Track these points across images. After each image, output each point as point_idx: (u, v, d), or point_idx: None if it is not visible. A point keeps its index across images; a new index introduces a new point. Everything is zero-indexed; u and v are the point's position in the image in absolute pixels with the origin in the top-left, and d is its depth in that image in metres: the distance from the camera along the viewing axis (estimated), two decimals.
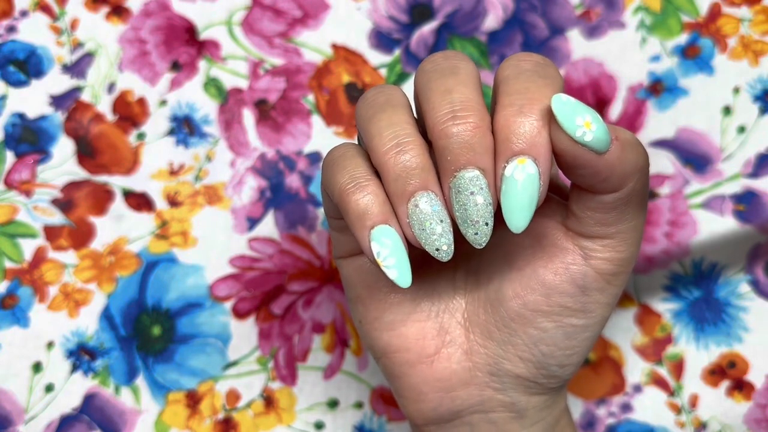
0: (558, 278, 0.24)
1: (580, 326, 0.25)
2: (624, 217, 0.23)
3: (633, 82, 0.36)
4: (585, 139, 0.21)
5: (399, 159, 0.22)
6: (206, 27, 0.37)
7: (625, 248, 0.24)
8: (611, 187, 0.22)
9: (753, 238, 0.35)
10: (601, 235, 0.24)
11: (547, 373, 0.26)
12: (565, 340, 0.25)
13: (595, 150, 0.21)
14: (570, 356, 0.25)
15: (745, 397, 0.35)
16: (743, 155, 0.36)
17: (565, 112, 0.21)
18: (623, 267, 0.24)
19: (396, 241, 0.22)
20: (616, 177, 0.22)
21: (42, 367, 0.35)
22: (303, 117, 0.37)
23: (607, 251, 0.24)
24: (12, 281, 0.35)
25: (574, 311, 0.25)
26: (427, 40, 0.37)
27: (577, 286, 0.24)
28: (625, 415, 0.35)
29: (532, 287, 0.25)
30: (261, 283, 0.36)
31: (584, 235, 0.24)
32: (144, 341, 0.35)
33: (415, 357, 0.26)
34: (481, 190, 0.22)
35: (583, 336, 0.25)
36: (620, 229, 0.24)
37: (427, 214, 0.22)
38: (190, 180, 0.36)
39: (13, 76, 0.37)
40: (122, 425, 0.35)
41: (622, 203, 0.23)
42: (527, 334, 0.25)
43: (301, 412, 0.35)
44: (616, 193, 0.23)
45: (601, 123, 0.21)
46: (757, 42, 0.37)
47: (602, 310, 0.25)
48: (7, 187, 0.36)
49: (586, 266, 0.24)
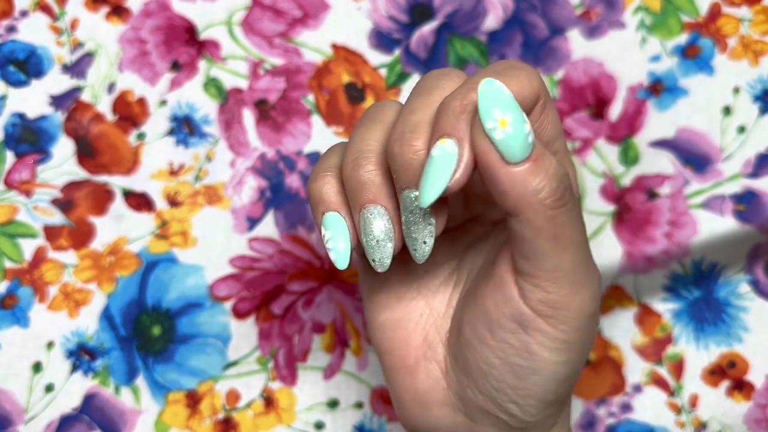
0: (498, 311, 0.23)
1: (526, 368, 0.23)
2: (541, 252, 0.22)
3: (633, 82, 0.36)
4: (494, 135, 0.20)
5: (355, 171, 0.23)
6: (206, 27, 0.37)
7: (555, 290, 0.22)
8: (508, 206, 0.21)
9: (753, 238, 0.35)
10: (527, 272, 0.22)
11: (506, 410, 0.24)
12: (515, 380, 0.24)
13: (502, 154, 0.20)
14: (524, 398, 0.24)
15: (745, 397, 0.35)
16: (743, 155, 0.36)
17: (488, 98, 0.20)
18: (560, 311, 0.23)
19: (341, 228, 0.24)
20: (513, 197, 0.21)
21: (42, 367, 0.35)
22: (303, 117, 0.37)
23: (538, 291, 0.22)
24: (12, 281, 0.35)
25: (518, 350, 0.23)
26: (427, 40, 0.37)
27: (515, 322, 0.23)
28: (625, 415, 0.35)
29: (478, 316, 0.24)
30: (261, 283, 0.36)
31: (517, 271, 0.23)
32: (144, 341, 0.35)
33: (399, 364, 0.26)
34: (422, 209, 0.22)
35: (532, 379, 0.24)
36: (542, 266, 0.22)
37: (370, 226, 0.23)
38: (190, 180, 0.36)
39: (13, 76, 0.37)
40: (122, 425, 0.35)
41: (531, 235, 0.22)
42: (477, 366, 0.24)
43: (301, 412, 0.35)
44: (517, 219, 0.21)
45: (523, 133, 0.20)
46: (757, 42, 0.37)
47: (549, 355, 0.23)
48: (7, 187, 0.36)
49: (522, 303, 0.23)
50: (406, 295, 0.27)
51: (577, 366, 0.24)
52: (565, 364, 0.23)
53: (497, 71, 0.22)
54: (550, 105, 0.24)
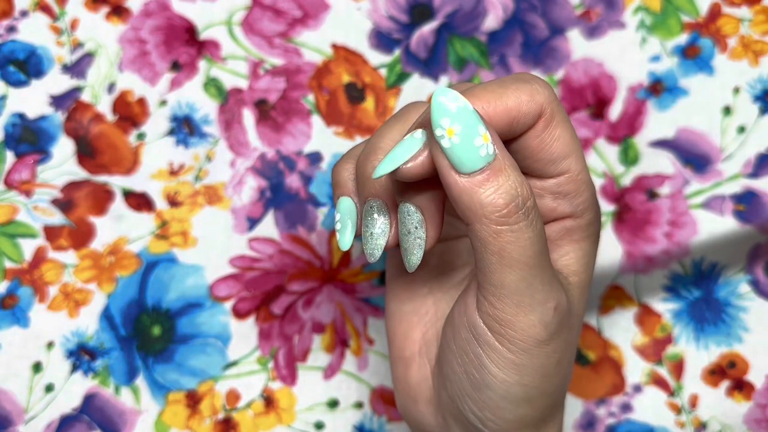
0: (459, 318, 0.24)
1: (479, 380, 0.24)
2: (485, 264, 0.22)
3: (633, 82, 0.36)
4: (441, 143, 0.21)
5: (362, 166, 0.24)
6: (206, 27, 0.37)
7: (500, 307, 0.22)
8: (459, 213, 0.22)
9: (753, 238, 0.35)
10: (480, 283, 0.23)
11: (469, 420, 0.25)
12: (472, 390, 0.24)
13: (451, 163, 0.21)
14: (482, 410, 0.24)
15: (745, 397, 0.35)
16: (743, 155, 0.36)
17: (439, 107, 0.21)
18: (506, 329, 0.23)
19: (350, 214, 0.25)
20: (461, 206, 0.21)
21: (42, 367, 0.35)
22: (303, 117, 0.37)
23: (486, 304, 0.23)
24: (12, 281, 0.35)
25: (472, 360, 0.24)
26: (427, 40, 0.37)
27: (470, 332, 0.23)
28: (625, 415, 0.35)
29: (449, 321, 0.25)
30: (261, 283, 0.36)
31: (477, 282, 0.23)
32: (144, 341, 0.35)
33: (397, 353, 0.28)
34: (413, 222, 0.23)
35: (486, 393, 0.24)
36: (489, 281, 0.22)
37: (368, 219, 0.24)
38: (190, 180, 0.36)
39: (13, 76, 0.37)
40: (122, 425, 0.35)
41: (479, 246, 0.22)
42: (445, 369, 0.25)
43: (301, 412, 0.35)
44: (469, 229, 0.22)
45: (471, 145, 0.21)
46: (757, 42, 0.37)
47: (499, 372, 0.23)
48: (7, 187, 0.36)
49: (476, 314, 0.23)
50: (419, 291, 0.28)
51: (534, 392, 0.24)
52: (517, 385, 0.23)
53: (502, 82, 0.23)
54: (561, 123, 0.23)
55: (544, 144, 0.23)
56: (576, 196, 0.24)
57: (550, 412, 0.25)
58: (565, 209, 0.25)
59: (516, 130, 0.23)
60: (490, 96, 0.22)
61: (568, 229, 0.25)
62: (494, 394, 0.23)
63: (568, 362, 0.24)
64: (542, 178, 0.24)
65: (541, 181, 0.24)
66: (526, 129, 0.23)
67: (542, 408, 0.24)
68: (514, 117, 0.22)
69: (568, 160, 0.24)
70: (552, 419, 0.26)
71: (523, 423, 0.24)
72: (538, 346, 0.23)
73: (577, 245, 0.25)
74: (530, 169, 0.24)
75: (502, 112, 0.22)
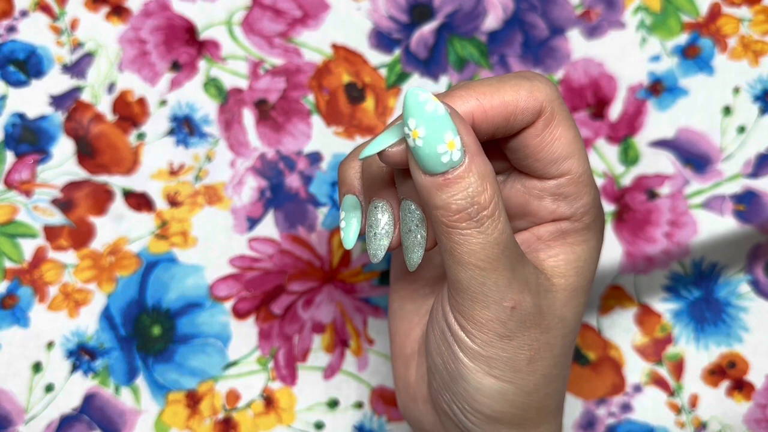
0: (436, 307, 0.25)
1: (454, 371, 0.24)
2: (444, 260, 0.23)
3: (633, 82, 0.36)
4: (408, 141, 0.21)
5: (368, 166, 0.24)
6: (206, 27, 0.37)
7: (460, 301, 0.23)
8: (426, 209, 0.22)
9: (753, 238, 0.35)
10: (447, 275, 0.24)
11: (455, 415, 0.25)
12: (450, 383, 0.24)
13: (417, 162, 0.21)
14: (461, 403, 0.25)
15: (745, 397, 0.35)
16: (743, 155, 0.36)
17: (408, 107, 0.21)
18: (468, 322, 0.23)
19: (355, 212, 0.25)
20: (423, 201, 0.22)
21: (42, 367, 0.35)
22: (303, 117, 0.37)
23: (451, 298, 0.23)
24: (12, 281, 0.35)
25: (447, 350, 0.24)
26: (427, 40, 0.37)
27: (444, 321, 0.24)
28: (625, 415, 0.35)
29: (431, 314, 0.25)
30: (261, 283, 0.36)
31: None
32: (144, 341, 0.35)
33: (398, 351, 0.28)
34: (414, 221, 0.23)
35: (461, 385, 0.24)
36: (447, 274, 0.23)
37: (372, 219, 0.24)
38: (190, 180, 0.36)
39: (13, 76, 0.37)
40: (122, 425, 0.35)
41: (439, 242, 0.23)
42: (430, 364, 0.25)
43: (301, 412, 0.35)
44: None
45: (434, 150, 0.21)
46: (757, 42, 0.37)
47: (470, 362, 0.24)
48: (7, 187, 0.36)
49: (447, 304, 0.24)
50: (420, 291, 0.28)
51: (509, 387, 0.24)
52: (488, 377, 0.24)
53: (502, 77, 0.23)
54: (562, 122, 0.23)
55: (544, 143, 0.23)
56: (576, 198, 0.24)
57: (534, 415, 0.25)
58: (565, 211, 0.25)
59: (514, 126, 0.23)
60: (487, 89, 0.22)
61: (563, 231, 0.25)
62: (468, 385, 0.24)
63: (547, 363, 0.24)
64: (543, 178, 0.24)
65: (542, 182, 0.24)
66: (525, 126, 0.23)
67: (523, 407, 0.24)
68: (511, 112, 0.23)
69: (569, 161, 0.24)
70: (540, 425, 0.25)
71: (503, 421, 0.24)
72: (501, 340, 0.23)
73: (570, 248, 0.25)
74: (531, 169, 0.24)
75: (499, 106, 0.22)
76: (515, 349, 0.23)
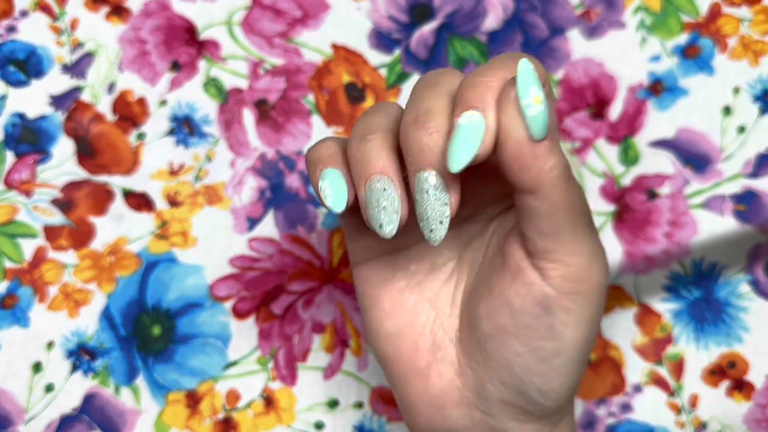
0: (520, 299, 0.24)
1: (551, 350, 0.24)
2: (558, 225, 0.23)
3: (633, 82, 0.36)
4: (527, 111, 0.21)
5: (360, 147, 0.24)
6: (206, 27, 0.37)
7: (574, 262, 0.23)
8: (529, 181, 0.22)
9: (753, 238, 0.35)
10: (545, 249, 0.23)
11: (529, 399, 0.25)
12: (539, 365, 0.24)
13: (529, 130, 0.22)
14: (548, 382, 0.25)
15: (745, 397, 0.35)
16: (743, 155, 0.36)
17: (526, 77, 0.21)
18: (580, 285, 0.24)
19: (337, 178, 0.24)
20: (535, 171, 0.22)
21: (42, 367, 0.35)
22: (303, 117, 0.37)
23: (559, 267, 0.24)
24: (12, 281, 0.35)
25: (543, 333, 0.24)
26: (427, 40, 0.37)
27: (540, 306, 0.24)
28: (625, 415, 0.35)
29: (499, 308, 0.25)
30: (261, 283, 0.36)
31: (533, 252, 0.24)
32: (144, 341, 0.35)
33: (409, 370, 0.27)
34: (436, 189, 0.23)
35: (557, 361, 0.24)
36: (560, 240, 0.23)
37: (376, 192, 0.23)
38: (190, 180, 0.36)
39: (13, 76, 0.37)
40: (122, 425, 0.35)
41: (548, 208, 0.23)
42: (501, 357, 0.25)
43: (301, 412, 0.35)
44: (536, 195, 0.23)
45: (547, 112, 0.22)
46: (757, 42, 0.37)
47: (572, 333, 0.24)
48: (7, 187, 0.36)
49: (545, 286, 0.24)
50: (409, 300, 0.27)
51: (591, 345, 0.25)
52: (585, 341, 0.25)
53: (513, 56, 0.23)
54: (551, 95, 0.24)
55: None
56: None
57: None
58: None
59: None
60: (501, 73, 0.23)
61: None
62: (564, 358, 0.24)
63: None
64: None
65: None
66: None
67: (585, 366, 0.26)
68: None
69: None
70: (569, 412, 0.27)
71: (576, 387, 0.26)
72: (603, 293, 0.24)
73: None
74: None
75: None
76: (605, 300, 0.25)
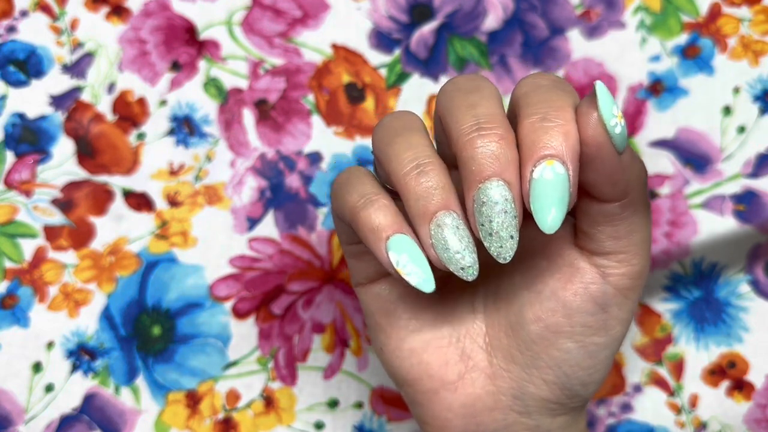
0: (578, 299, 0.24)
1: (601, 344, 0.25)
2: (634, 227, 0.24)
3: (633, 82, 0.36)
4: (615, 131, 0.21)
5: (420, 180, 0.22)
6: (206, 27, 0.37)
7: (638, 261, 0.24)
8: (618, 192, 0.22)
9: (753, 238, 0.35)
10: (615, 250, 0.24)
11: (571, 393, 0.26)
12: (587, 359, 0.25)
13: (617, 146, 0.21)
14: (592, 374, 0.25)
15: (745, 397, 0.35)
16: (743, 155, 0.36)
17: (605, 99, 0.21)
18: (639, 280, 0.25)
19: (414, 248, 0.22)
20: (624, 182, 0.22)
21: (42, 367, 0.35)
22: (303, 117, 0.37)
23: (623, 266, 0.24)
24: (12, 281, 0.35)
25: (596, 329, 0.25)
26: (427, 40, 0.37)
27: (597, 304, 0.24)
28: (625, 415, 0.35)
29: (552, 309, 0.25)
30: (261, 283, 0.36)
31: (598, 253, 0.24)
32: (144, 341, 0.35)
33: (439, 384, 0.26)
34: (506, 201, 0.21)
35: (603, 354, 0.25)
36: (632, 241, 0.24)
37: (450, 233, 0.22)
38: (190, 180, 0.36)
39: (13, 76, 0.37)
40: (122, 425, 0.35)
41: (629, 213, 0.23)
42: (550, 356, 0.25)
43: (301, 412, 0.35)
44: (622, 202, 0.23)
45: (625, 124, 0.22)
46: (757, 42, 0.37)
47: (621, 326, 0.25)
48: (7, 187, 0.36)
49: (604, 284, 0.24)
50: (428, 314, 0.26)
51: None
52: (625, 334, 0.26)
53: (550, 86, 0.23)
54: None
55: None
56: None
57: None
58: None
59: None
60: (570, 99, 0.23)
61: None
62: (609, 351, 0.25)
63: None
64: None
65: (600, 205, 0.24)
66: None
67: None
68: None
69: None
70: None
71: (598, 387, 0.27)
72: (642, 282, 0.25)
73: None
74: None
75: None
76: None
